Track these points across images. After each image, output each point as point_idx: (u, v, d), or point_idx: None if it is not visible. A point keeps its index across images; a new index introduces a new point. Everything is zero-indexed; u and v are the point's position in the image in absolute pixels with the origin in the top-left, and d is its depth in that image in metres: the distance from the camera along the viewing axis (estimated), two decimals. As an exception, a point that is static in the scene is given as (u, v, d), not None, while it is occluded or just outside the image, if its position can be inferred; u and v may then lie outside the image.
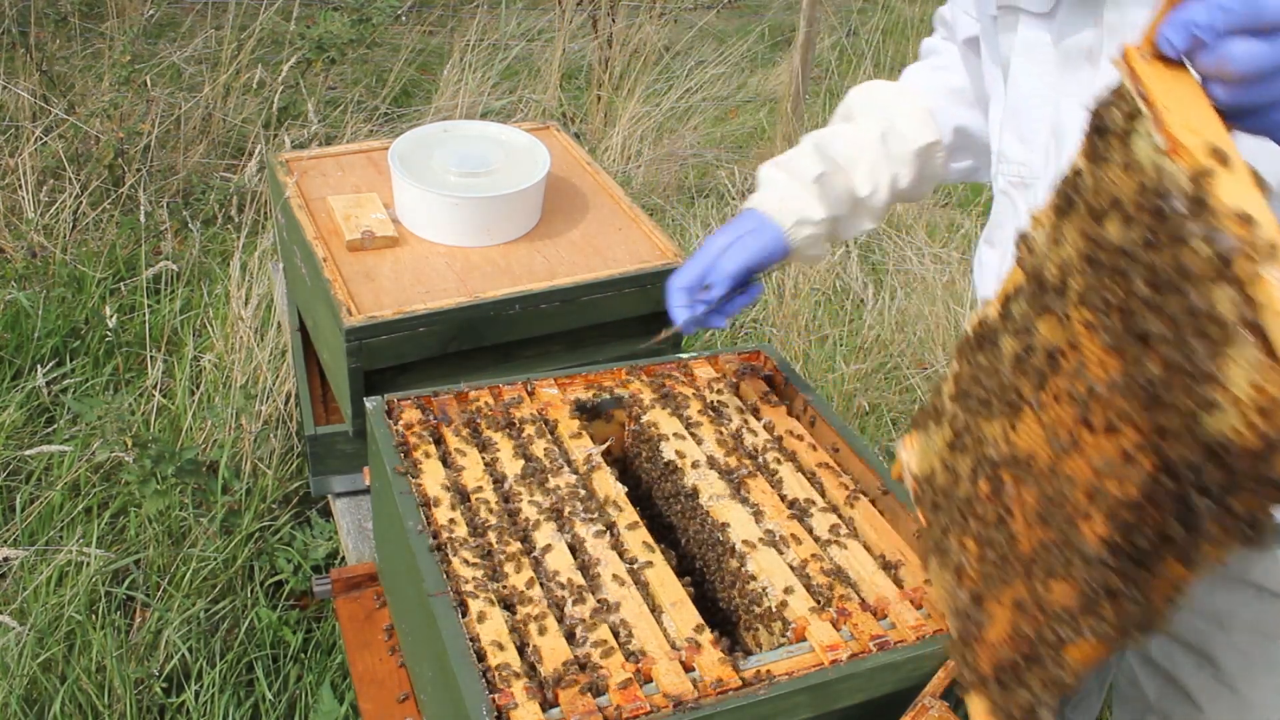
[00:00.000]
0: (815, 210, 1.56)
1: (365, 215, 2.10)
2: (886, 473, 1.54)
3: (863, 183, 1.60)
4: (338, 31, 4.66)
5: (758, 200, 1.60)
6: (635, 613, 1.28)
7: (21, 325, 3.35)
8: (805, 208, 1.56)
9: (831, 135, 1.64)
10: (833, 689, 1.23)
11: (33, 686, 2.32)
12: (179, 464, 2.64)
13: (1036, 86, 1.30)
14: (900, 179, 1.61)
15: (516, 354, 2.09)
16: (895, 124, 1.61)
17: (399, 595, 1.57)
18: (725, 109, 5.75)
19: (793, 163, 1.61)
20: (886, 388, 3.72)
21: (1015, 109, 1.33)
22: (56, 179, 3.96)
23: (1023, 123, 1.33)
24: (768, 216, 1.57)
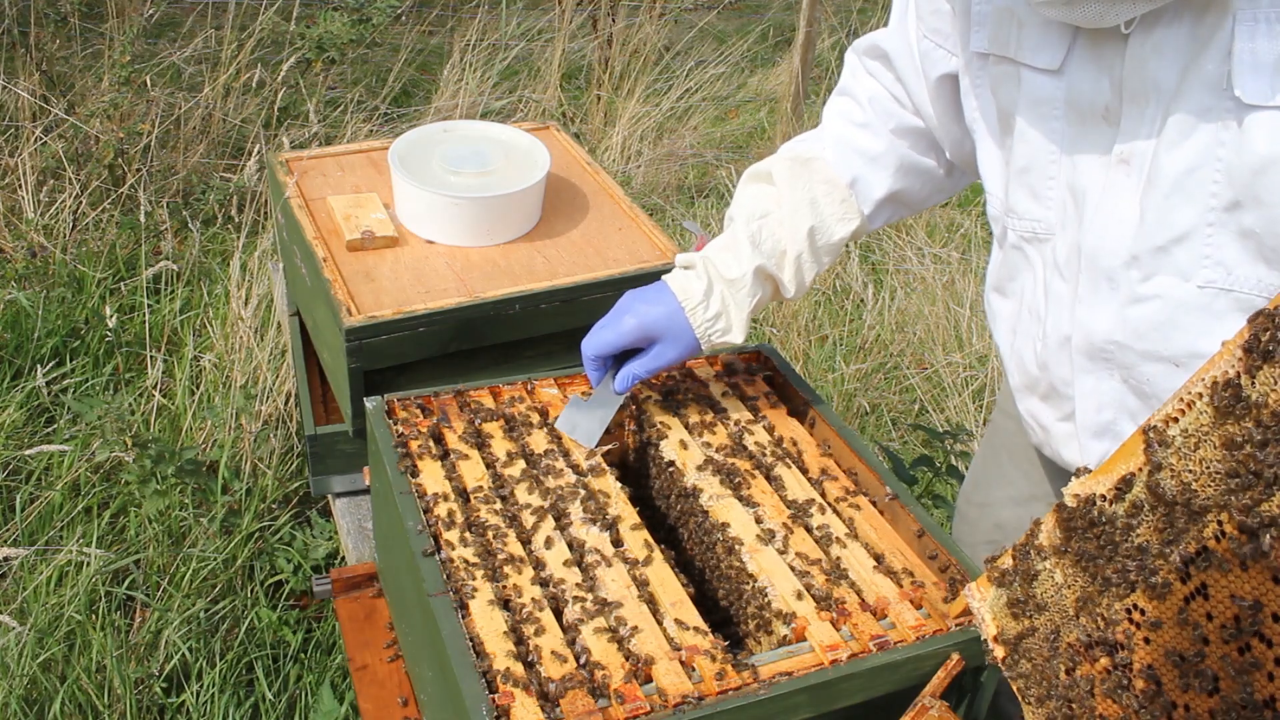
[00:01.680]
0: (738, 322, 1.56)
1: (365, 215, 2.10)
2: (887, 473, 1.54)
3: (790, 280, 1.58)
4: (338, 31, 4.66)
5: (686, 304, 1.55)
6: (635, 612, 1.28)
7: (21, 325, 3.35)
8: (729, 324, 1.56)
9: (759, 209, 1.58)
10: (833, 689, 1.23)
11: (33, 686, 2.32)
12: (179, 464, 2.64)
13: (1049, 146, 1.25)
14: (823, 264, 1.60)
15: (516, 354, 2.09)
16: (823, 217, 1.56)
17: (399, 595, 1.57)
18: (725, 109, 5.75)
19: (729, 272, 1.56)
20: (886, 388, 3.72)
21: (1026, 166, 1.29)
22: (56, 179, 3.96)
23: (1035, 180, 1.28)
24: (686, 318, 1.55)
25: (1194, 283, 1.13)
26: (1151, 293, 1.17)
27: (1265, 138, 1.01)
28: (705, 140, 5.30)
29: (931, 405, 3.58)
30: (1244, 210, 1.06)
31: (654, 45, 5.58)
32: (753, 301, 1.55)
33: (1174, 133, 1.10)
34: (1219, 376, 0.88)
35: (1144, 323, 1.18)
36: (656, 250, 2.15)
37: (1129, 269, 1.18)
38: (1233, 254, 1.09)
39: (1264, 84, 1.01)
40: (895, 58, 1.50)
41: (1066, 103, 1.21)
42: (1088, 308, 1.24)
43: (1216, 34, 1.04)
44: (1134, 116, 1.14)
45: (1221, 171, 1.07)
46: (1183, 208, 1.11)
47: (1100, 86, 1.17)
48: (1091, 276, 1.22)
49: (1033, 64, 1.22)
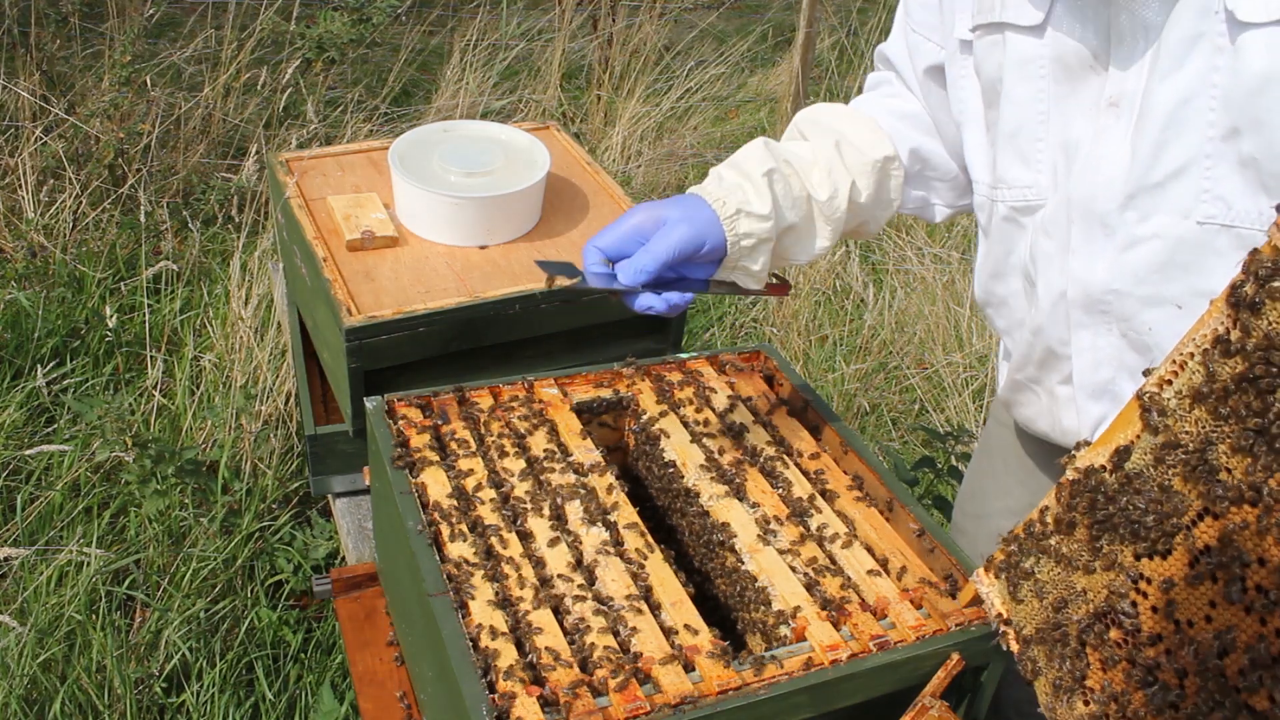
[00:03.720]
0: (759, 203, 1.34)
1: (365, 215, 2.10)
2: (887, 473, 1.54)
3: (820, 184, 1.42)
4: (338, 31, 4.66)
5: (697, 188, 1.39)
6: (635, 612, 1.28)
7: (21, 325, 3.35)
8: (748, 199, 1.34)
9: (783, 143, 1.49)
10: (833, 689, 1.23)
11: (33, 686, 2.32)
12: (179, 464, 2.64)
13: (1036, 103, 1.23)
14: (859, 189, 1.45)
15: (516, 354, 2.09)
16: (848, 137, 1.47)
17: (399, 595, 1.57)
18: (725, 109, 5.75)
19: (739, 159, 1.43)
20: (886, 388, 3.72)
21: (1013, 130, 1.27)
22: (56, 179, 3.96)
23: (1024, 143, 1.26)
24: (704, 201, 1.34)
25: (1193, 219, 1.10)
26: (1150, 233, 1.14)
27: (1262, 55, 0.99)
28: (705, 140, 5.30)
29: (931, 405, 3.58)
30: (1242, 137, 1.04)
31: (654, 45, 5.58)
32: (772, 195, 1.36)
33: (1166, 64, 1.07)
34: (1209, 334, 0.88)
35: (1143, 265, 1.16)
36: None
37: (1124, 211, 1.15)
38: (1232, 186, 1.07)
39: (1261, 1, 0.99)
40: (894, 58, 1.53)
41: (1053, 59, 1.20)
42: (1082, 259, 1.21)
43: None
44: (1122, 59, 1.12)
45: (1217, 98, 1.04)
46: (1178, 141, 1.08)
47: (1085, 36, 1.15)
48: (1084, 226, 1.20)
49: (1016, 22, 1.22)
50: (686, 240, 1.29)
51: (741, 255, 1.35)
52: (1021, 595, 1.12)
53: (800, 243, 1.43)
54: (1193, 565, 0.90)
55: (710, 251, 1.31)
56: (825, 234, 1.44)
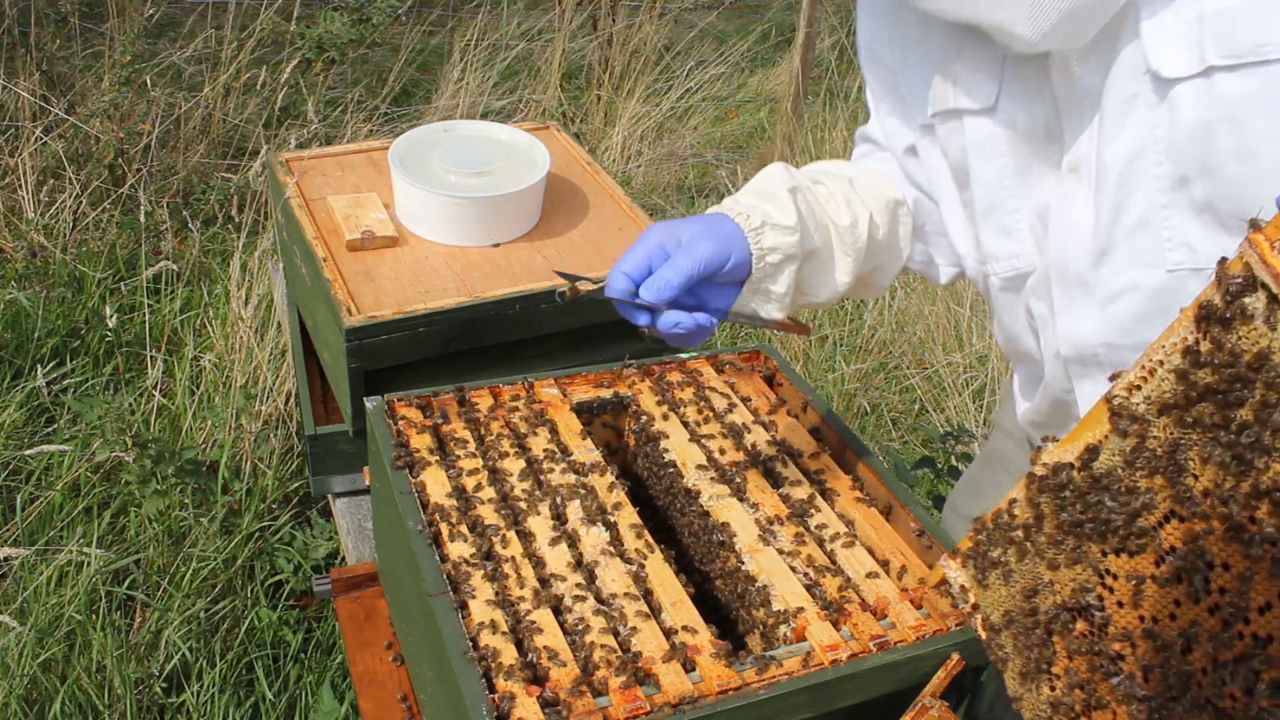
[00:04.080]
0: (785, 216, 1.29)
1: (365, 215, 2.10)
2: (887, 473, 1.54)
3: (840, 211, 1.37)
4: (338, 31, 4.67)
5: (715, 207, 1.34)
6: (635, 612, 1.28)
7: (21, 325, 3.35)
8: (772, 213, 1.29)
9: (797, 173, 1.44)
10: (833, 689, 1.23)
11: (33, 686, 2.32)
12: (179, 464, 2.64)
13: (1002, 179, 1.26)
14: (877, 224, 1.40)
15: (516, 354, 2.09)
16: (858, 178, 1.44)
17: (399, 595, 1.57)
18: (725, 109, 5.75)
19: (758, 180, 1.38)
20: (886, 388, 3.72)
21: (988, 208, 1.29)
22: (56, 179, 3.96)
23: (1000, 218, 1.28)
24: (727, 216, 1.30)
25: (1163, 268, 1.13)
26: (1126, 286, 1.17)
27: (1193, 106, 1.03)
28: (705, 140, 5.31)
29: (931, 405, 3.59)
30: (1193, 184, 1.07)
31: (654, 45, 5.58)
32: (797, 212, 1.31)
33: (1110, 127, 1.11)
34: (1179, 343, 0.90)
35: (1126, 317, 1.19)
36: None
37: (1098, 268, 1.18)
38: (1193, 231, 1.10)
39: (1179, 56, 1.03)
40: (876, 137, 1.51)
41: (1008, 136, 1.22)
42: (1068, 319, 1.24)
43: (1123, 24, 1.07)
44: (1074, 126, 1.16)
45: (1162, 151, 1.08)
46: (1133, 196, 1.12)
47: (1035, 109, 1.19)
48: (1064, 287, 1.23)
49: (969, 107, 1.24)
50: (711, 255, 1.23)
51: (766, 274, 1.29)
52: (989, 582, 1.14)
53: (821, 273, 1.36)
54: (1158, 564, 0.92)
55: (733, 269, 1.26)
56: (846, 266, 1.38)
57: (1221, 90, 1.01)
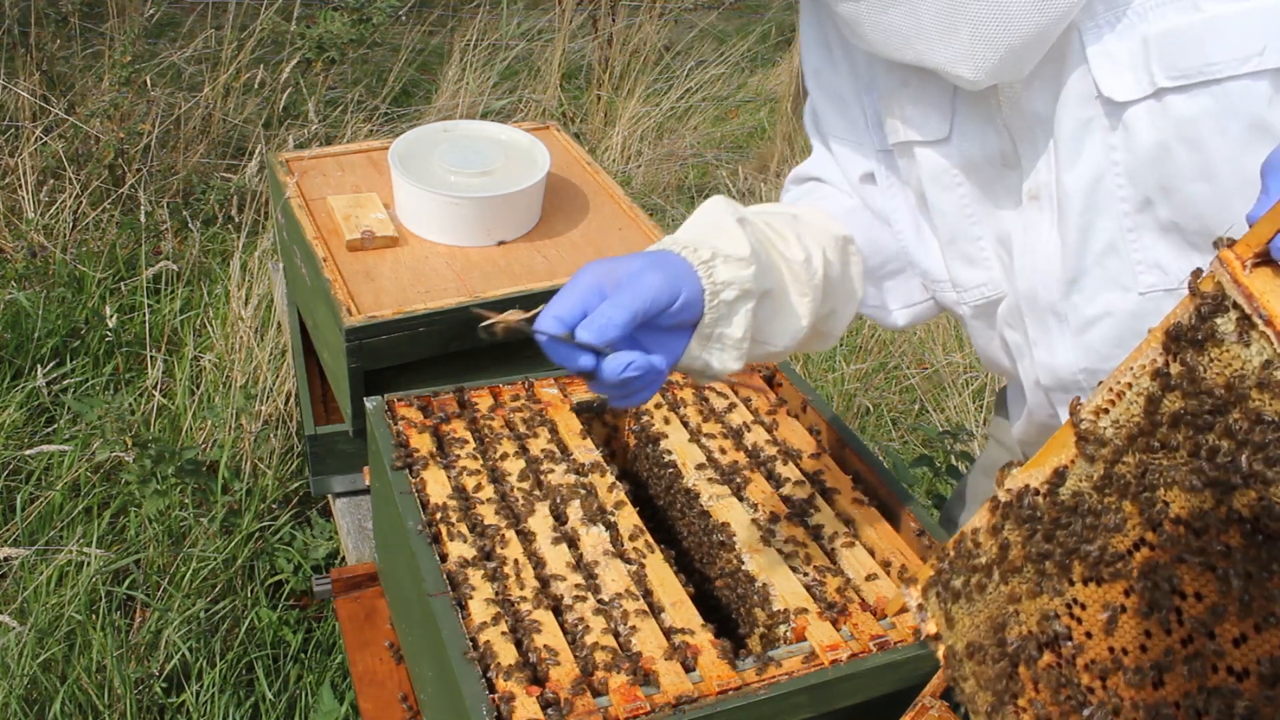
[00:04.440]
0: (737, 246, 1.13)
1: (365, 215, 2.10)
2: (886, 472, 1.54)
3: (792, 246, 1.21)
4: (338, 31, 4.67)
5: (656, 244, 1.17)
6: (635, 612, 1.28)
7: (21, 325, 3.35)
8: (723, 244, 1.14)
9: None
10: (833, 689, 1.23)
11: (33, 686, 2.32)
12: (179, 464, 2.64)
13: (962, 209, 1.23)
14: (830, 261, 1.24)
15: (517, 354, 2.09)
16: (801, 215, 1.29)
17: (399, 595, 1.57)
18: (725, 109, 5.75)
19: (698, 214, 1.22)
20: (886, 388, 3.72)
21: (950, 238, 1.25)
22: (56, 179, 3.96)
23: (964, 246, 1.25)
24: (672, 252, 1.12)
25: (1135, 291, 1.12)
26: (1099, 312, 1.15)
27: (1148, 127, 1.02)
28: (705, 140, 5.30)
29: (931, 405, 3.59)
30: (1156, 205, 1.06)
31: (654, 45, 5.58)
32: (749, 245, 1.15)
33: (1066, 154, 1.10)
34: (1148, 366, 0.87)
35: (1103, 343, 1.17)
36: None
37: (1068, 296, 1.16)
38: (1162, 252, 1.09)
39: (1128, 80, 1.02)
40: (821, 174, 1.41)
41: (964, 166, 1.20)
42: (1043, 349, 1.22)
43: (1068, 50, 1.05)
44: (1030, 153, 1.14)
45: (1122, 174, 1.07)
46: (1098, 221, 1.10)
47: (988, 139, 1.16)
48: (1036, 317, 1.21)
49: (922, 139, 1.21)
50: (659, 288, 1.05)
51: (720, 316, 1.11)
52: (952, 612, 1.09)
53: (778, 316, 1.19)
54: (1128, 594, 0.90)
55: (682, 310, 1.08)
56: (804, 307, 1.21)
57: (1175, 111, 1.00)
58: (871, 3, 1.06)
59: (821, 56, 1.32)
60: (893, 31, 1.06)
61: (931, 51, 1.05)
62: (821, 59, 1.33)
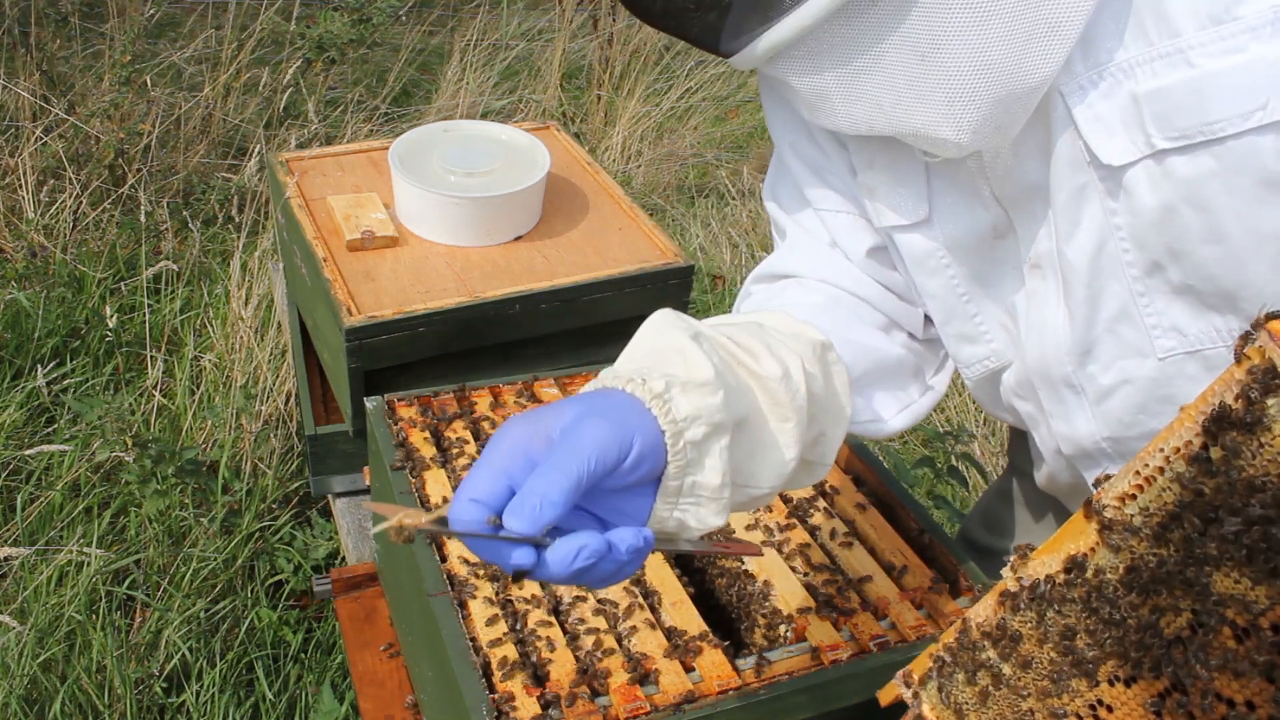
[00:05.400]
0: (697, 369, 0.89)
1: (365, 215, 2.10)
2: (886, 472, 1.54)
3: (764, 360, 0.97)
4: (338, 31, 4.67)
5: (593, 382, 0.94)
6: (635, 613, 1.28)
7: (21, 325, 3.35)
8: (678, 370, 0.90)
9: None
10: (833, 689, 1.23)
11: (33, 686, 2.32)
12: (179, 464, 2.64)
13: (953, 290, 1.16)
14: (812, 374, 1.00)
15: (517, 354, 2.09)
16: (768, 323, 1.05)
17: (399, 595, 1.57)
18: (725, 109, 5.75)
19: (641, 336, 0.98)
20: (886, 388, 3.71)
21: (945, 320, 1.20)
22: (56, 179, 3.96)
23: (961, 325, 1.19)
24: (615, 389, 0.89)
25: (1154, 357, 1.06)
26: (1117, 381, 1.09)
27: (1150, 190, 0.96)
28: (705, 140, 5.30)
29: (931, 405, 3.58)
30: (1166, 268, 1.00)
31: (654, 45, 5.58)
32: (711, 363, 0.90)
33: (1064, 223, 1.04)
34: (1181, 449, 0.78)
35: (1123, 411, 1.11)
36: (656, 250, 2.15)
37: (1083, 367, 1.10)
38: (1178, 315, 1.02)
39: (1122, 142, 0.96)
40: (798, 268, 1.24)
41: (950, 247, 1.13)
42: (1060, 420, 1.16)
43: (1053, 114, 0.99)
44: (1027, 223, 1.08)
45: (1126, 239, 1.01)
46: (1107, 289, 1.04)
47: (975, 214, 1.09)
48: (1050, 390, 1.15)
49: (901, 223, 1.14)
50: (604, 443, 0.81)
51: (689, 462, 0.87)
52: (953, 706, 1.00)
53: (759, 450, 0.95)
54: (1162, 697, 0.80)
55: (640, 461, 0.84)
56: (788, 435, 0.96)
57: (1177, 173, 0.94)
58: (840, 74, 0.97)
59: (798, 129, 1.21)
60: (866, 101, 0.99)
61: (909, 116, 0.97)
62: (797, 130, 1.21)
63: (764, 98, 1.26)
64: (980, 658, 0.96)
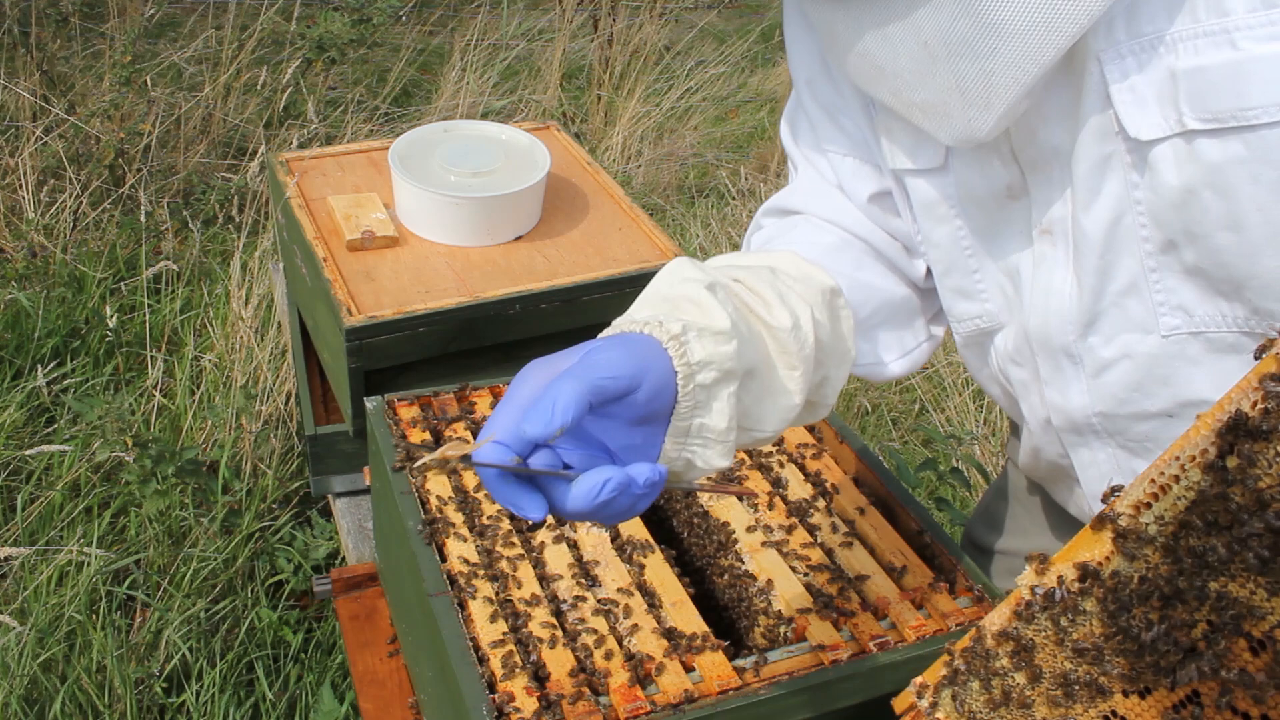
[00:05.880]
0: (714, 318, 0.94)
1: (365, 215, 2.10)
2: (887, 472, 1.54)
3: (776, 310, 1.02)
4: (338, 31, 4.67)
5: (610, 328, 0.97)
6: (635, 613, 1.28)
7: (21, 325, 3.35)
8: (695, 316, 0.95)
9: None
10: (833, 689, 1.23)
11: (33, 686, 2.32)
12: (179, 464, 2.64)
13: (957, 242, 1.16)
14: (820, 323, 1.06)
15: (517, 354, 2.09)
16: (780, 266, 1.09)
17: (399, 595, 1.57)
18: (725, 109, 5.75)
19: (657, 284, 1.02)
20: (886, 388, 3.72)
21: (944, 271, 1.19)
22: (57, 179, 3.96)
23: (959, 280, 1.18)
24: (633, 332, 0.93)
25: (1157, 334, 1.05)
26: (1117, 354, 1.08)
27: (1174, 170, 0.95)
28: (705, 140, 5.30)
29: (932, 405, 3.58)
30: (1180, 249, 0.99)
31: (654, 45, 5.59)
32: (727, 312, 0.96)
33: (1084, 191, 1.02)
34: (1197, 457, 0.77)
35: (1119, 386, 1.10)
36: (657, 250, 2.15)
37: (1085, 338, 1.10)
38: (1187, 295, 1.01)
39: (1154, 117, 0.94)
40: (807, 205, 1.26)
41: (961, 198, 1.12)
42: (1056, 389, 1.15)
43: (1087, 81, 0.97)
44: (1041, 185, 1.07)
45: (1144, 214, 1.00)
46: (1119, 261, 1.04)
47: (992, 169, 1.08)
48: (1049, 357, 1.14)
49: (914, 167, 1.12)
50: (617, 363, 0.86)
51: (697, 404, 0.92)
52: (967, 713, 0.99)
53: (767, 396, 1.01)
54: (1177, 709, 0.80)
55: (653, 397, 0.89)
56: (795, 382, 1.02)
57: (1204, 156, 0.92)
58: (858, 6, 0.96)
59: (816, 66, 1.21)
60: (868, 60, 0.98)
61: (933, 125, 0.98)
62: (815, 68, 1.21)
63: (787, 29, 1.25)
64: (994, 666, 0.95)
